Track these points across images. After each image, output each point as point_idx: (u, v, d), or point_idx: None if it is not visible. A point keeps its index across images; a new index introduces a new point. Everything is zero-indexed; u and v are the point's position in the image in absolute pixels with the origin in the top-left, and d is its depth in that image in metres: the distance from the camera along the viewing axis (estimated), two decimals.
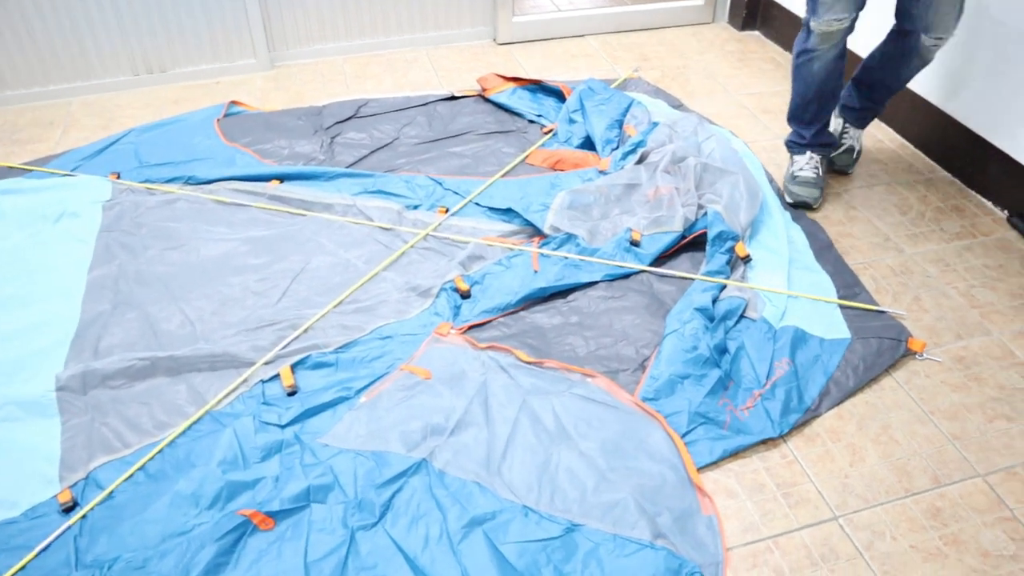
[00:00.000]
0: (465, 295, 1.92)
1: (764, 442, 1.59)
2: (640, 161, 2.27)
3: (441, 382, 1.69)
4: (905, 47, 2.12)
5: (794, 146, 2.32)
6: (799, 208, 2.26)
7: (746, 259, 1.98)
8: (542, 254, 2.02)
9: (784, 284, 1.93)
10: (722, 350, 1.76)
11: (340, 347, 1.78)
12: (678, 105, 2.70)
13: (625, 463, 1.51)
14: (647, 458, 1.52)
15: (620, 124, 2.46)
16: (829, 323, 1.85)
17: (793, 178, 2.27)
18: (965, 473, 1.56)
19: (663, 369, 1.69)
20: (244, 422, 1.59)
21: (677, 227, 2.05)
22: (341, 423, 1.60)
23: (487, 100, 2.74)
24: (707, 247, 2.01)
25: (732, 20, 3.40)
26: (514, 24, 3.18)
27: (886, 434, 1.63)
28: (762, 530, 1.44)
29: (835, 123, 2.42)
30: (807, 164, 2.26)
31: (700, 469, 1.53)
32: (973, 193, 2.35)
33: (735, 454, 1.57)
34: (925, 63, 2.14)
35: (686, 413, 1.60)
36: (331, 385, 1.68)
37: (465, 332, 1.83)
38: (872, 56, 2.23)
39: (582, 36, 3.28)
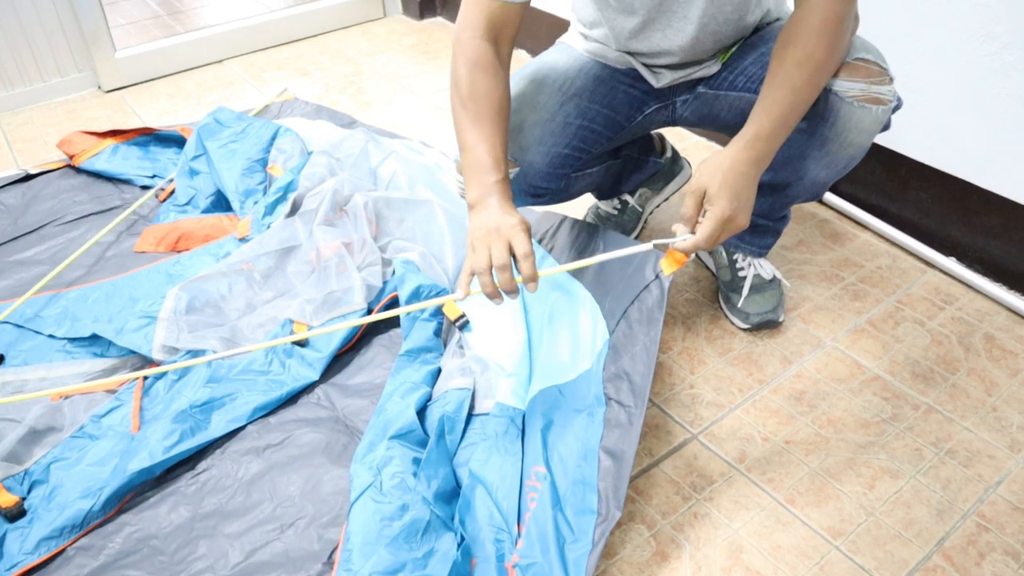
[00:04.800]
0: (14, 515, 1.10)
1: None
2: (293, 212, 1.54)
3: None
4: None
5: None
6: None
7: (461, 322, 1.31)
8: (146, 401, 1.24)
9: (522, 336, 1.27)
10: (451, 492, 1.06)
11: None
12: (349, 123, 2.00)
13: None
14: None
15: (264, 164, 1.72)
16: (588, 335, 1.23)
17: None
18: None
19: (358, 566, 0.96)
20: None
21: (358, 303, 1.34)
22: None
23: (79, 170, 1.90)
24: (400, 316, 1.32)
25: (407, 9, 2.77)
26: (120, 61, 2.34)
27: (739, 565, 1.01)
28: None
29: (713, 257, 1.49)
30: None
31: None
32: None
33: None
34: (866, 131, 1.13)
35: None
36: None
37: None
38: None
39: (220, 62, 2.50)
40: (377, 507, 1.01)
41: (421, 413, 1.15)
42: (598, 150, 1.28)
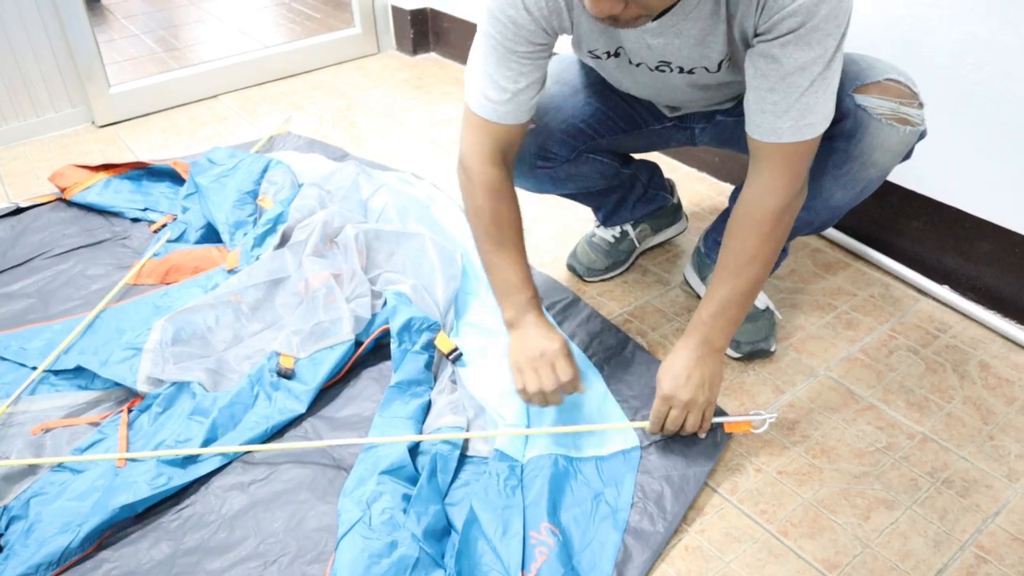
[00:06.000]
0: None
1: None
2: (282, 243, 1.54)
3: None
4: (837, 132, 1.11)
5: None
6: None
7: (454, 355, 1.29)
8: (131, 434, 1.22)
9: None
10: (442, 530, 1.04)
11: None
12: (341, 156, 2.01)
13: None
14: None
15: (255, 196, 1.72)
16: (605, 420, 1.21)
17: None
18: None
19: None
20: None
21: (346, 335, 1.33)
22: None
23: (70, 203, 1.89)
24: (392, 348, 1.30)
25: (401, 45, 2.80)
26: (114, 97, 2.35)
27: None
28: None
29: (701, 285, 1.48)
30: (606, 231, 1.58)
31: None
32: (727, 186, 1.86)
33: None
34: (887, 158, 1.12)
35: None
36: None
37: None
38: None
39: (215, 97, 2.51)
40: (365, 543, 0.98)
41: (412, 450, 1.13)
42: (611, 137, 1.32)
